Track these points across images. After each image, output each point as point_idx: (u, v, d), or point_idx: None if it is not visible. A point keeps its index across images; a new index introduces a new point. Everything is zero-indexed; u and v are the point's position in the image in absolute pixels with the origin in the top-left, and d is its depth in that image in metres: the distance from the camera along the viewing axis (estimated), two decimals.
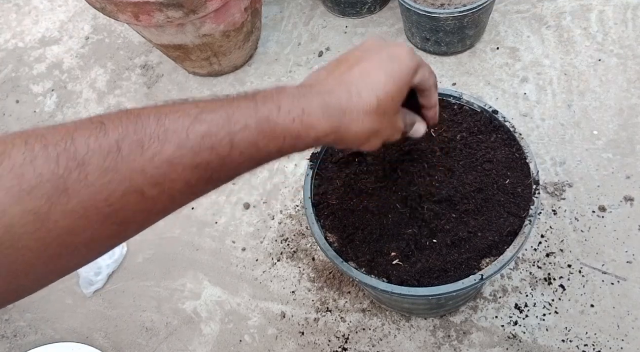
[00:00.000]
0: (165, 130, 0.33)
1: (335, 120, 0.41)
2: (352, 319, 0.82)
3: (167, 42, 1.01)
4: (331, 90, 0.42)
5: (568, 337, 0.75)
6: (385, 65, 0.44)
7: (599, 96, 0.96)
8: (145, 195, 0.33)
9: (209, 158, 0.35)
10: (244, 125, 0.36)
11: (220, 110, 0.36)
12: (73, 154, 0.30)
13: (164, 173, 0.33)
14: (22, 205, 0.29)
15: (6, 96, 1.24)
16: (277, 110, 0.38)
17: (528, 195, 0.56)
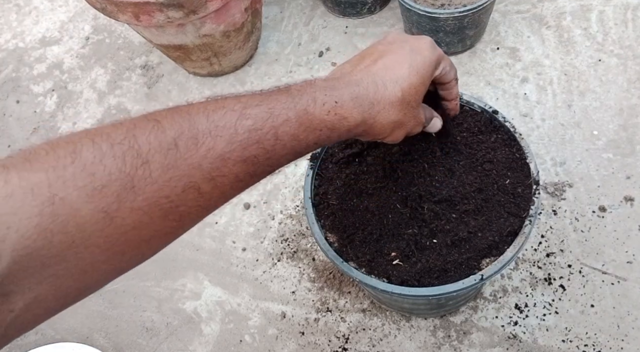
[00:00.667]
0: (216, 126, 0.34)
1: (365, 111, 0.42)
2: (352, 319, 0.82)
3: (167, 42, 1.01)
4: (359, 82, 0.43)
5: (568, 337, 0.75)
6: (408, 57, 0.45)
7: (599, 96, 0.96)
8: (201, 190, 0.34)
9: (256, 151, 0.36)
10: (285, 118, 0.38)
11: (262, 105, 0.37)
12: (137, 152, 0.31)
13: (217, 167, 0.34)
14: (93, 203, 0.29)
15: (6, 96, 1.24)
16: (313, 102, 0.40)
17: (528, 195, 0.56)
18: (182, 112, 0.34)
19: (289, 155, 0.39)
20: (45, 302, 0.30)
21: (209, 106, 0.36)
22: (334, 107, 0.41)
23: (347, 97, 0.41)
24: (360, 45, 1.13)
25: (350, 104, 0.41)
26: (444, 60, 0.47)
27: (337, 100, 0.41)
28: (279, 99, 0.38)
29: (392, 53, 0.45)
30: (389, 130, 0.45)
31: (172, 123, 0.33)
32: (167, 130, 0.33)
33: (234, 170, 0.36)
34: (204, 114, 0.35)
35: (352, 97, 0.42)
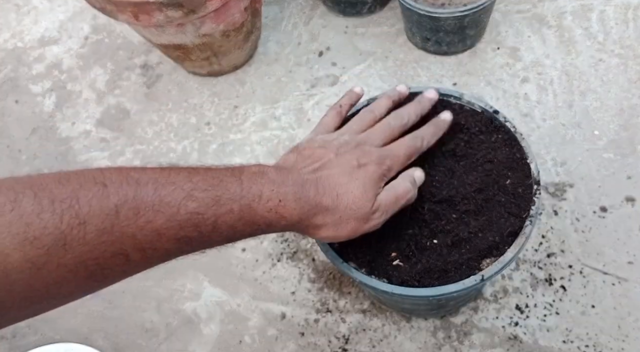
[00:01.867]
0: (160, 201, 0.36)
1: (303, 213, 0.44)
2: (352, 320, 0.82)
3: (167, 41, 1.01)
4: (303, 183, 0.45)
5: (569, 338, 0.75)
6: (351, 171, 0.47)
7: (600, 96, 0.95)
8: (129, 257, 0.35)
9: (191, 234, 0.38)
10: (229, 208, 0.39)
11: (211, 190, 0.39)
12: (76, 212, 0.32)
13: (150, 240, 0.36)
14: (23, 252, 0.30)
15: (5, 96, 1.24)
16: (258, 198, 0.41)
17: (529, 195, 0.56)
18: (132, 180, 0.35)
19: (222, 242, 0.41)
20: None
21: (160, 178, 0.37)
22: (277, 205, 0.42)
23: (291, 198, 0.43)
24: (361, 45, 1.13)
25: (292, 205, 0.43)
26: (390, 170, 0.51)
27: (281, 199, 0.42)
28: (228, 188, 0.40)
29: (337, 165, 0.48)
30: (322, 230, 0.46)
31: (118, 189, 0.34)
32: (110, 196, 0.33)
33: (166, 246, 0.37)
34: (152, 186, 0.36)
35: (295, 198, 0.43)
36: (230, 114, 1.09)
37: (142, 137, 1.10)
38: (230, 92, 1.12)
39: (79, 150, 1.11)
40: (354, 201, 0.46)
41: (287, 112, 1.06)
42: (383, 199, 0.49)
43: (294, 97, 1.08)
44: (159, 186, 0.36)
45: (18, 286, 0.30)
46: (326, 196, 0.45)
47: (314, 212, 0.44)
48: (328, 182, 0.46)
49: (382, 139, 0.53)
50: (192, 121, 1.09)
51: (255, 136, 1.04)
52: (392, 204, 0.50)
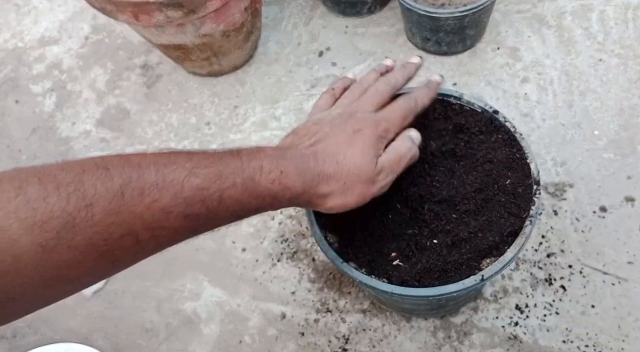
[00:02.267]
0: (164, 180, 0.36)
1: (306, 183, 0.44)
2: (352, 320, 0.82)
3: (167, 41, 1.01)
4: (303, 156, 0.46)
5: (569, 338, 0.75)
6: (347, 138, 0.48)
7: (600, 96, 0.95)
8: (138, 238, 0.35)
9: (198, 210, 0.38)
10: (232, 182, 0.39)
11: (212, 166, 0.39)
12: (82, 195, 0.32)
13: (158, 220, 0.36)
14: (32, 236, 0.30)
15: (5, 96, 1.24)
16: (259, 170, 0.42)
17: (529, 195, 0.56)
18: (133, 163, 0.36)
19: (230, 218, 0.41)
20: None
21: (160, 160, 0.37)
22: (279, 176, 0.42)
23: (292, 169, 0.43)
24: (361, 45, 1.13)
25: (295, 176, 0.43)
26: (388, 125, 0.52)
27: (282, 170, 0.43)
28: (229, 163, 0.40)
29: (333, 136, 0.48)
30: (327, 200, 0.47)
31: (120, 172, 0.34)
32: (114, 178, 0.34)
33: (175, 225, 0.37)
34: (154, 167, 0.36)
35: (296, 168, 0.44)
36: (230, 114, 1.09)
37: (142, 137, 1.10)
38: (230, 92, 1.12)
39: (79, 150, 1.11)
40: (355, 165, 0.46)
41: (287, 112, 1.06)
42: (385, 159, 0.49)
43: (294, 97, 1.08)
44: (161, 166, 0.36)
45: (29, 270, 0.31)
46: (327, 164, 0.46)
47: (318, 181, 0.45)
48: (326, 152, 0.46)
49: (373, 105, 0.53)
50: (192, 121, 1.10)
51: (255, 136, 1.04)
52: (395, 163, 0.50)
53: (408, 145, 0.52)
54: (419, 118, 0.63)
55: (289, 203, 0.45)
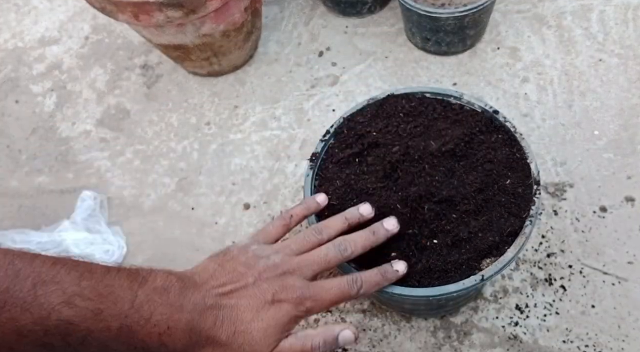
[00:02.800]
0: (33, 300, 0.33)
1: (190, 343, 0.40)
2: (352, 320, 0.82)
3: (167, 41, 1.01)
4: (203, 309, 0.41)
5: (569, 338, 0.75)
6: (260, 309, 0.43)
7: (600, 96, 0.95)
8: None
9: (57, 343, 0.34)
10: (106, 326, 0.36)
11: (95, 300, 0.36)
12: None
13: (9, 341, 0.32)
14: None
15: (5, 96, 1.24)
16: (145, 321, 0.38)
17: (529, 195, 0.56)
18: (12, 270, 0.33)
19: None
20: None
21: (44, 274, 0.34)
22: (163, 332, 0.39)
23: (183, 326, 0.40)
24: (361, 45, 1.13)
25: (180, 334, 0.40)
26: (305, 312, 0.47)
27: (169, 326, 0.39)
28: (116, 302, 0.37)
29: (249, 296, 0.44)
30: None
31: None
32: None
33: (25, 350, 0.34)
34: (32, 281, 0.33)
35: (188, 327, 0.40)
36: (230, 114, 1.09)
37: (142, 137, 1.10)
38: (230, 92, 1.12)
39: (79, 150, 1.11)
40: (250, 344, 0.42)
41: (287, 112, 1.06)
42: (287, 345, 0.44)
43: (294, 97, 1.08)
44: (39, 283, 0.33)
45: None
46: (223, 330, 0.41)
47: (204, 344, 0.41)
48: (230, 315, 0.42)
49: (313, 271, 0.49)
50: (192, 121, 1.10)
51: (255, 136, 1.04)
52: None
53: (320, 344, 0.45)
54: (418, 118, 0.63)
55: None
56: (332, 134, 0.65)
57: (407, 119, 0.63)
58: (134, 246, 0.95)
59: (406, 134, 0.62)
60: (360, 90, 1.06)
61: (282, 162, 1.00)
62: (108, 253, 0.93)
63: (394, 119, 0.63)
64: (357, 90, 1.06)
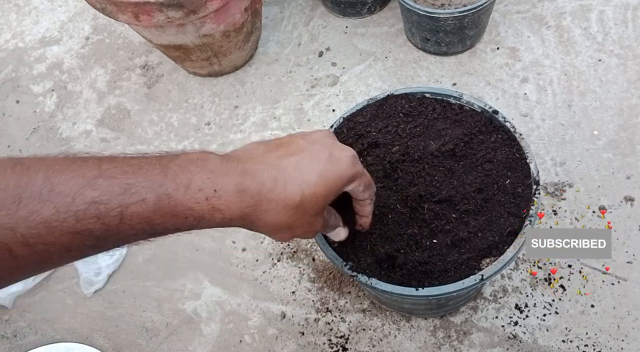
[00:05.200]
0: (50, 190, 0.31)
1: (247, 207, 0.38)
2: (352, 319, 0.82)
3: (167, 42, 1.01)
4: (257, 173, 0.39)
5: (568, 338, 0.75)
6: (323, 165, 0.41)
7: (599, 96, 0.96)
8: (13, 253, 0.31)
9: (92, 226, 0.32)
10: (141, 198, 0.34)
11: (121, 177, 0.33)
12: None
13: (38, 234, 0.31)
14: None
15: (6, 96, 1.24)
16: (184, 187, 0.35)
17: (528, 195, 0.56)
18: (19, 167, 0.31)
19: (137, 236, 0.35)
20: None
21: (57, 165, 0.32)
22: (211, 196, 0.36)
23: (232, 188, 0.37)
24: (360, 45, 1.13)
25: (232, 197, 0.37)
26: (360, 178, 0.45)
27: (217, 189, 0.36)
28: (147, 175, 0.34)
29: (309, 153, 0.42)
30: (273, 230, 0.41)
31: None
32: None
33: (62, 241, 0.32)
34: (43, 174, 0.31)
35: (238, 188, 0.37)
36: (230, 114, 1.09)
37: (142, 137, 1.10)
38: (231, 92, 1.13)
39: (80, 150, 1.11)
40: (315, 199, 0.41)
41: (287, 112, 1.06)
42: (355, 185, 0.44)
43: (294, 97, 1.09)
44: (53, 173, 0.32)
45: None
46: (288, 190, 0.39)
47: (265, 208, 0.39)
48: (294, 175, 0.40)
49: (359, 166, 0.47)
50: (192, 121, 1.10)
51: (256, 136, 1.04)
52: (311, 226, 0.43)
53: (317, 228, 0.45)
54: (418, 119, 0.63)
55: (219, 225, 0.38)
56: None
57: (406, 119, 0.63)
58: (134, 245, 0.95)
59: (406, 134, 0.62)
60: (360, 91, 1.06)
61: None
62: (108, 253, 0.93)
63: (393, 119, 0.63)
64: (357, 91, 1.06)
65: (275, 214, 0.39)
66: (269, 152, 0.41)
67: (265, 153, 0.41)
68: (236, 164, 0.39)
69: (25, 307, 0.93)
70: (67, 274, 0.95)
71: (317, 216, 0.43)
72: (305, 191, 0.40)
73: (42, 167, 0.32)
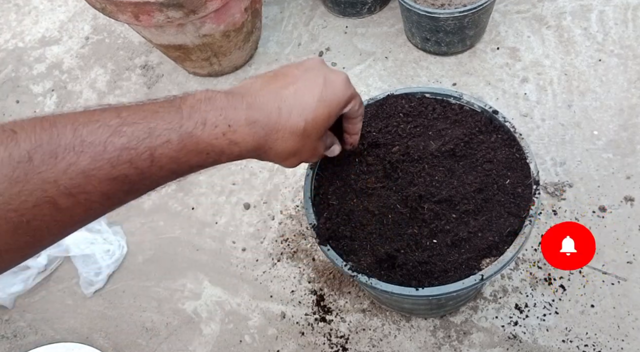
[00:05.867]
0: (82, 141, 0.33)
1: (260, 137, 0.41)
2: (352, 319, 0.82)
3: (167, 42, 1.01)
4: (262, 105, 0.41)
5: (568, 338, 0.75)
6: (320, 89, 0.44)
7: (599, 96, 0.96)
8: (58, 206, 0.32)
9: (126, 171, 0.34)
10: (166, 139, 0.36)
11: (142, 123, 0.35)
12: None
13: (79, 184, 0.32)
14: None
15: (6, 96, 1.24)
16: (202, 125, 0.38)
17: (528, 195, 0.56)
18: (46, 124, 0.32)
19: (167, 176, 0.38)
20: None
21: (80, 118, 0.34)
22: (227, 131, 0.39)
23: (243, 121, 0.40)
24: (360, 45, 1.13)
25: (245, 129, 0.40)
26: (355, 98, 0.48)
27: (230, 124, 0.39)
28: (165, 117, 0.36)
29: (305, 81, 0.44)
30: (283, 157, 0.44)
31: (30, 135, 0.31)
32: (21, 142, 0.31)
33: (101, 188, 0.34)
34: (71, 127, 0.33)
35: (249, 121, 0.40)
36: None
37: None
38: None
39: None
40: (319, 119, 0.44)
41: None
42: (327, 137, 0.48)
43: None
44: (79, 126, 0.33)
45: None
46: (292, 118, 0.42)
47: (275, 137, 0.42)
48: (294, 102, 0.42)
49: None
50: None
51: None
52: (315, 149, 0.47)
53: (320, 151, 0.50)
54: (418, 119, 0.63)
55: (238, 157, 0.41)
56: None
57: (406, 119, 0.63)
58: (135, 245, 0.96)
59: (406, 134, 0.62)
60: (360, 91, 1.06)
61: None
62: (108, 253, 0.93)
63: (393, 119, 0.63)
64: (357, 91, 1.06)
65: (284, 141, 0.42)
66: (268, 85, 0.44)
67: (264, 86, 0.44)
68: (241, 98, 0.41)
69: (25, 307, 0.93)
70: (67, 274, 0.95)
71: (320, 140, 0.46)
72: (308, 116, 0.43)
73: (67, 122, 0.33)
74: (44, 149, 0.31)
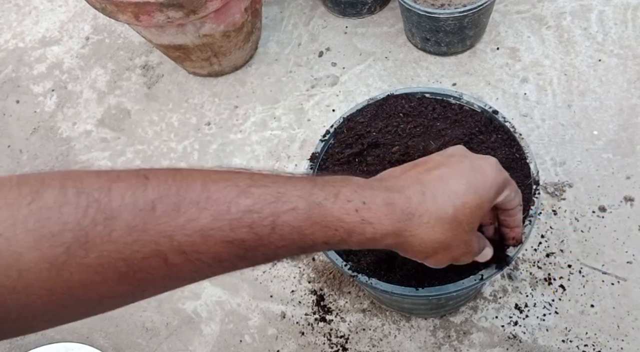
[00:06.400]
0: (207, 198, 0.31)
1: (399, 221, 0.36)
2: (352, 319, 0.82)
3: (167, 42, 1.01)
4: (402, 188, 0.38)
5: (568, 337, 0.75)
6: (468, 174, 0.39)
7: (599, 96, 0.96)
8: (168, 261, 0.30)
9: (245, 236, 0.32)
10: (292, 206, 0.33)
11: (272, 186, 0.33)
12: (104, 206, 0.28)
13: (193, 242, 0.31)
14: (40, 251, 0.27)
15: (6, 96, 1.24)
16: (333, 197, 0.35)
17: (528, 195, 0.56)
18: (178, 176, 0.31)
19: (288, 248, 0.34)
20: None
21: (213, 175, 0.33)
22: (360, 207, 0.35)
23: (380, 201, 0.36)
24: (360, 45, 1.13)
25: (382, 209, 0.36)
26: (510, 185, 0.42)
27: (365, 201, 0.36)
28: (296, 185, 0.34)
29: (449, 166, 0.40)
30: (430, 250, 0.39)
31: (159, 183, 0.30)
32: (149, 190, 0.30)
33: (215, 250, 0.32)
34: (201, 182, 0.32)
35: (386, 202, 0.36)
36: (230, 114, 1.09)
37: (142, 137, 1.10)
38: (231, 92, 1.13)
39: (80, 150, 1.11)
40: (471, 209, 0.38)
41: (287, 112, 1.07)
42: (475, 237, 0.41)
43: (294, 97, 1.09)
44: (210, 182, 0.32)
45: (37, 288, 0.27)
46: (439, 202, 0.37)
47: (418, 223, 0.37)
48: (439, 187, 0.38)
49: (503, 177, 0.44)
50: (192, 121, 1.10)
51: (256, 136, 1.05)
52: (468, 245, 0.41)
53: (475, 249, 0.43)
54: (418, 119, 0.64)
55: (370, 243, 0.37)
56: (332, 134, 0.65)
57: (406, 119, 0.63)
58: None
59: (406, 134, 0.62)
60: (360, 91, 1.06)
61: (282, 162, 1.00)
62: None
63: (393, 119, 0.63)
64: (357, 91, 1.06)
65: (430, 228, 0.37)
66: (408, 171, 0.41)
67: (403, 172, 0.41)
68: (379, 181, 0.39)
69: None
70: None
71: (473, 233, 0.41)
72: (456, 201, 0.38)
73: (199, 176, 0.32)
74: (169, 200, 0.30)
